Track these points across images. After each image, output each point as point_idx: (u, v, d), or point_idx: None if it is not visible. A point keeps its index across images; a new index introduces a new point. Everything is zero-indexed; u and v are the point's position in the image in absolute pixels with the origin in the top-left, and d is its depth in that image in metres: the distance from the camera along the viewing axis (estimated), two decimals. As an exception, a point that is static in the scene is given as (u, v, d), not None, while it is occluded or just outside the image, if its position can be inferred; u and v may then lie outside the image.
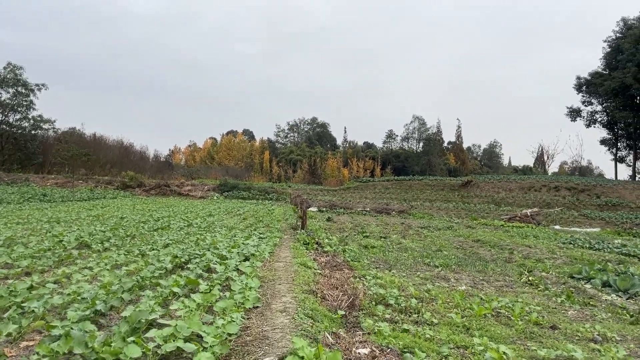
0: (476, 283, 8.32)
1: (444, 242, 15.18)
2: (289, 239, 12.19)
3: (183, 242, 9.91)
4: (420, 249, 12.86)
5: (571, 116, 51.90)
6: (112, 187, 37.76)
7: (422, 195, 40.20)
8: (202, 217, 17.32)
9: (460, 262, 10.55)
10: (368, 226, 19.64)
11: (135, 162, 54.71)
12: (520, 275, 9.24)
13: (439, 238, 16.49)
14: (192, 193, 36.60)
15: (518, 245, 14.85)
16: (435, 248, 13.19)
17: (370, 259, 10.45)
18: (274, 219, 18.58)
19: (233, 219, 18.20)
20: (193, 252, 7.96)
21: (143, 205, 23.34)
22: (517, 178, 43.66)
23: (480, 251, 13.05)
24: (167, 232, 11.95)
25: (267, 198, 38.74)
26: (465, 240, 15.90)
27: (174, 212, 18.78)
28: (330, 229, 18.23)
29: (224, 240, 10.15)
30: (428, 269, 9.68)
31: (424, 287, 7.45)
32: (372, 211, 30.75)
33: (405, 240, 14.51)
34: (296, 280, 6.57)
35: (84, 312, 4.16)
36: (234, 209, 24.32)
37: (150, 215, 15.94)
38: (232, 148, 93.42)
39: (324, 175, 73.14)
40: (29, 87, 50.02)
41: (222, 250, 8.19)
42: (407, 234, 17.24)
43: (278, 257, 8.69)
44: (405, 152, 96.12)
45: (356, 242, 13.52)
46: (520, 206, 33.37)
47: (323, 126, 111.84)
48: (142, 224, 13.55)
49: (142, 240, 10.04)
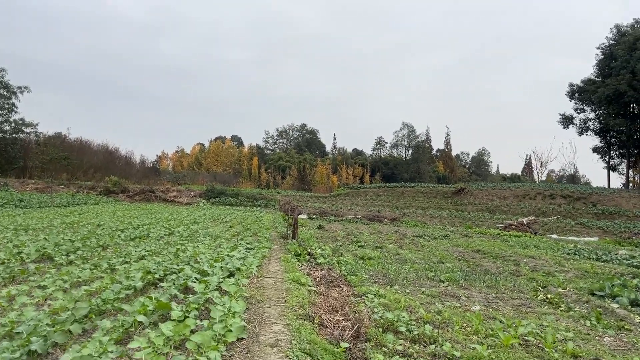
0: (490, 302, 7.43)
1: (444, 252, 14.32)
2: (279, 249, 11.22)
3: (161, 254, 8.90)
4: (421, 260, 11.97)
5: (563, 123, 51.59)
6: (95, 192, 36.37)
7: (415, 202, 39.44)
8: (185, 224, 16.26)
9: (466, 276, 9.67)
10: (361, 235, 18.73)
11: (120, 168, 53.20)
12: (535, 292, 8.37)
13: (437, 248, 15.64)
14: (177, 199, 35.37)
15: (521, 256, 14.05)
16: (436, 259, 12.31)
17: (368, 272, 9.51)
18: (263, 227, 17.59)
19: (219, 226, 17.16)
20: (170, 266, 6.96)
21: (124, 212, 22.17)
22: (512, 186, 43.06)
23: (484, 263, 12.19)
24: (146, 241, 10.90)
25: (256, 205, 37.68)
26: (465, 251, 15.06)
27: (156, 220, 17.68)
28: (322, 237, 17.29)
29: (206, 251, 9.15)
30: (433, 284, 8.78)
31: (434, 308, 6.54)
32: (363, 219, 29.87)
33: (403, 251, 13.61)
34: (289, 301, 5.62)
35: (12, 354, 3.16)
36: (220, 215, 23.25)
37: (130, 223, 14.84)
38: (221, 154, 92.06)
39: (313, 182, 72.17)
40: (11, 90, 48.36)
41: (204, 264, 7.20)
42: (404, 244, 16.36)
43: (267, 271, 7.72)
44: (395, 159, 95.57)
45: (351, 253, 12.59)
46: (515, 214, 32.74)
47: (312, 133, 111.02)
48: (119, 232, 12.48)
49: (115, 251, 9.00)
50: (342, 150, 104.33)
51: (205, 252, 9.08)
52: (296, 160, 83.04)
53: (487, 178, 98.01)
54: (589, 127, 50.58)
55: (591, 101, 47.25)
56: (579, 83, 49.29)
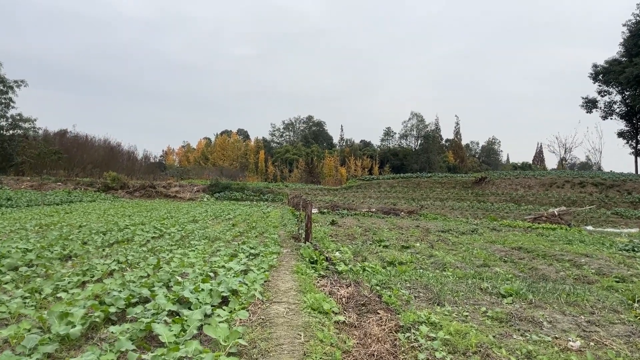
0: (586, 330, 5.33)
1: (483, 252, 12.22)
2: (289, 254, 9.19)
3: (138, 266, 6.89)
4: (461, 263, 9.87)
5: (586, 107, 48.44)
6: (93, 189, 34.56)
7: (432, 194, 37.16)
8: (181, 224, 14.27)
9: (531, 286, 7.56)
10: (380, 231, 16.67)
11: (122, 163, 51.52)
12: (631, 308, 6.27)
13: (472, 246, 13.54)
14: (180, 195, 33.43)
15: (574, 254, 11.93)
16: (479, 262, 10.21)
17: (403, 284, 7.45)
18: (270, 224, 15.57)
19: (220, 225, 15.16)
20: (139, 289, 4.94)
21: (118, 210, 20.25)
22: (536, 174, 40.38)
23: (538, 265, 10.06)
24: (126, 248, 8.90)
25: (262, 199, 35.70)
26: (505, 249, 12.93)
27: (150, 218, 15.72)
28: (337, 235, 15.26)
29: (197, 261, 7.13)
30: (492, 299, 6.69)
31: (515, 344, 4.49)
32: (378, 212, 27.78)
33: (437, 252, 11.49)
34: (311, 352, 3.58)
35: None
36: (223, 212, 21.26)
37: (117, 223, 12.86)
38: (227, 148, 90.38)
39: (321, 175, 70.09)
40: (7, 84, 46.71)
41: (187, 286, 5.16)
42: (432, 241, 14.27)
43: (276, 291, 5.69)
44: (404, 150, 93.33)
45: (375, 256, 10.52)
46: (543, 204, 30.38)
47: (319, 125, 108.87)
48: (100, 235, 10.51)
49: (79, 264, 7.00)
50: (350, 141, 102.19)
51: (195, 262, 7.06)
52: (303, 153, 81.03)
53: (498, 167, 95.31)
54: (614, 110, 47.39)
55: (617, 82, 43.97)
56: (603, 64, 46.07)
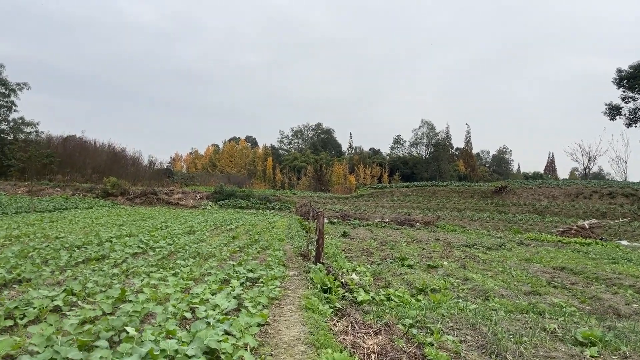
0: None
1: (520, 272, 10.41)
2: (296, 278, 7.46)
3: (94, 299, 5.20)
4: (505, 290, 8.06)
5: (610, 114, 45.95)
6: (92, 195, 33.08)
7: (449, 203, 35.28)
8: (175, 235, 12.60)
9: (612, 329, 5.74)
10: (398, 245, 14.89)
11: (125, 169, 50.09)
12: None
13: (506, 264, 11.72)
14: (182, 202, 31.82)
15: (629, 276, 10.10)
16: (525, 288, 8.40)
17: (443, 321, 5.67)
18: (275, 236, 13.86)
19: (219, 237, 13.47)
20: (64, 353, 3.23)
21: (112, 218, 18.67)
22: (561, 183, 38.07)
23: (599, 293, 8.20)
24: (94, 269, 7.22)
25: (269, 207, 34.00)
26: (547, 269, 11.09)
27: (142, 229, 14.07)
28: (351, 249, 13.51)
29: (175, 292, 5.41)
30: (569, 350, 4.88)
31: None
32: (392, 222, 25.95)
33: (471, 274, 9.65)
34: None
35: None
36: (225, 221, 19.58)
37: (98, 235, 11.21)
38: (235, 155, 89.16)
39: (330, 183, 68.33)
40: (9, 87, 45.71)
41: (145, 340, 3.44)
42: (458, 258, 12.45)
43: (277, 344, 3.94)
44: (414, 158, 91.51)
45: (400, 279, 8.74)
46: (570, 216, 28.31)
47: (328, 132, 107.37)
48: (74, 249, 8.86)
49: (17, 294, 5.33)
50: (359, 149, 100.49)
51: (172, 294, 5.35)
52: (312, 160, 79.40)
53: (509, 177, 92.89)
54: (639, 117, 45.18)
55: (644, 88, 41.76)
56: (627, 69, 43.75)
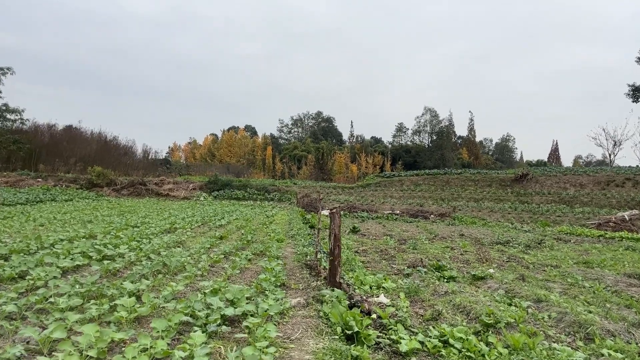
0: None
1: (597, 285, 7.91)
2: (301, 312, 4.92)
3: None
4: (606, 320, 5.53)
5: (633, 96, 43.37)
6: (76, 185, 30.53)
7: (464, 193, 32.68)
8: (147, 236, 10.07)
9: None
10: (420, 243, 12.35)
11: (117, 158, 47.40)
12: None
13: (565, 270, 9.20)
14: (173, 193, 29.28)
15: None
16: (628, 314, 5.87)
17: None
18: (273, 235, 11.31)
19: (203, 237, 10.95)
20: None
21: (85, 213, 16.16)
22: (588, 170, 35.29)
23: None
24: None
25: (268, 198, 31.46)
26: (624, 279, 8.57)
27: (112, 227, 11.52)
28: (366, 250, 11.02)
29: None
30: None
31: None
32: (404, 214, 23.45)
33: (540, 291, 7.07)
34: None
35: None
36: (216, 215, 17.06)
37: (39, 238, 8.64)
38: (234, 144, 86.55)
39: (332, 172, 65.75)
40: (-10, 72, 42.99)
41: None
42: (498, 262, 9.93)
43: None
44: (417, 147, 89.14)
45: (447, 302, 6.17)
46: (602, 206, 25.73)
47: (328, 120, 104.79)
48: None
49: None
50: (360, 138, 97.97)
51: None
52: (312, 149, 76.73)
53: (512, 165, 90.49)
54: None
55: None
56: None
